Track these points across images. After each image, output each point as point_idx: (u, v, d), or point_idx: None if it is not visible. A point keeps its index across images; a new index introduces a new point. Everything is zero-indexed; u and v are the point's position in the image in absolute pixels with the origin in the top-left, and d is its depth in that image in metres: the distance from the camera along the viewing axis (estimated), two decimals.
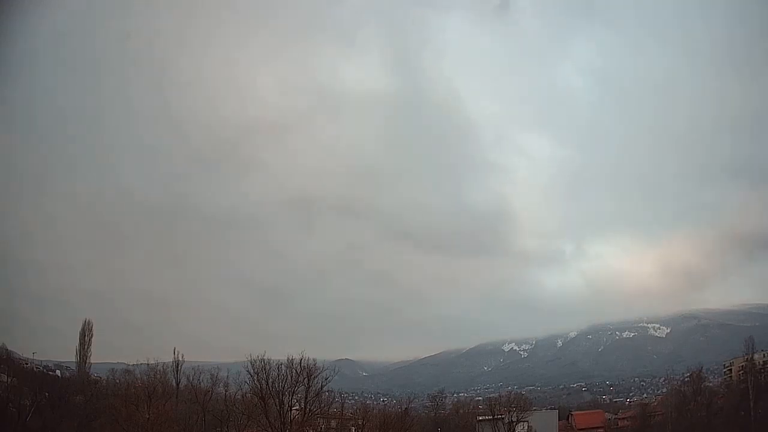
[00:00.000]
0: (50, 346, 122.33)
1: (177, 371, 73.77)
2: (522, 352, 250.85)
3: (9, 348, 76.45)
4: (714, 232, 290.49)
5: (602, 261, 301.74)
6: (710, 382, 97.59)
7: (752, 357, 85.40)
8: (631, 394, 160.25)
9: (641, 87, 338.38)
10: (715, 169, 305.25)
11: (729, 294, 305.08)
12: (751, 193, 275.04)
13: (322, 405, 61.19)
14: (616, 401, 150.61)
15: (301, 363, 55.31)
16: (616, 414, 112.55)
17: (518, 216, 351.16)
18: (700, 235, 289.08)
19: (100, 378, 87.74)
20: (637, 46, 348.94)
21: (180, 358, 75.34)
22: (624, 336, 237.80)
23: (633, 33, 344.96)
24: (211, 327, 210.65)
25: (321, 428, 66.37)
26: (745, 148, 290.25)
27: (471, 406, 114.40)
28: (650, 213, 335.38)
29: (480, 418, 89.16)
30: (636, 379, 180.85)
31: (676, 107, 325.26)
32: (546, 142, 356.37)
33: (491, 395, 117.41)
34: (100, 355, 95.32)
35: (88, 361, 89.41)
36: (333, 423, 68.96)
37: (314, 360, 57.46)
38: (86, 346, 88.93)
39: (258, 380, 53.92)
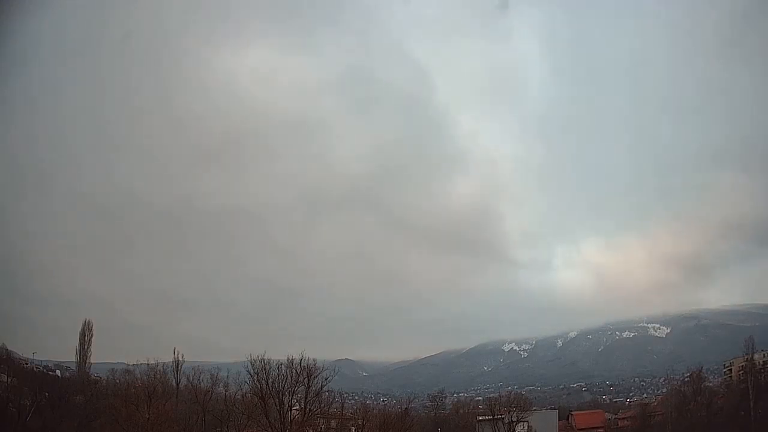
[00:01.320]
0: (50, 346, 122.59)
1: (177, 371, 73.78)
2: (522, 352, 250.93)
3: (9, 348, 76.66)
4: (708, 222, 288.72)
5: (599, 259, 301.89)
6: (710, 382, 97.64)
7: (752, 357, 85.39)
8: (631, 394, 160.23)
9: (613, 69, 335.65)
10: (701, 154, 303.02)
11: (727, 289, 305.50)
12: (743, 180, 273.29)
13: (322, 405, 61.19)
14: (616, 401, 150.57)
15: (301, 363, 55.42)
16: (616, 414, 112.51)
17: (515, 215, 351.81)
18: (695, 226, 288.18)
19: (100, 378, 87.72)
20: (611, 24, 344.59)
21: (180, 358, 75.43)
22: (624, 336, 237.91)
23: (611, 7, 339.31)
24: (211, 327, 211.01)
25: (321, 428, 66.36)
26: (730, 132, 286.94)
27: (471, 406, 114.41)
28: (641, 206, 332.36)
29: (480, 418, 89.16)
30: (636, 379, 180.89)
31: (651, 89, 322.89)
32: (533, 138, 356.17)
33: (491, 395, 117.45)
34: (100, 355, 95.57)
35: (88, 361, 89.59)
36: (333, 423, 68.97)
37: (314, 360, 57.59)
38: (86, 346, 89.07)
39: (258, 380, 53.94)
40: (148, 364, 65.68)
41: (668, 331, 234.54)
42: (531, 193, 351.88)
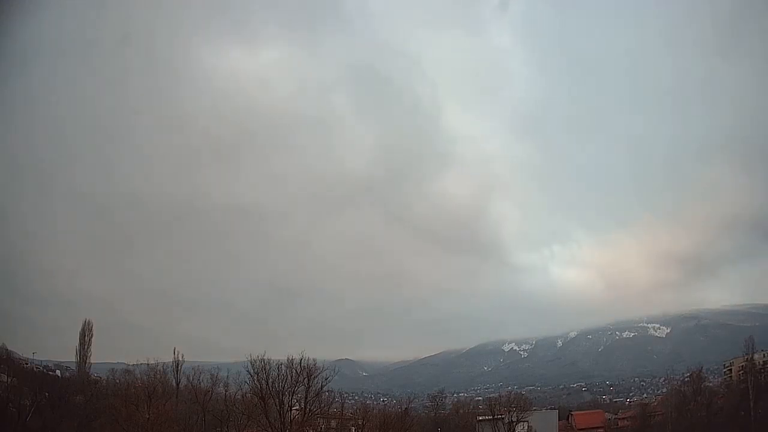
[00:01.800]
0: (50, 346, 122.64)
1: (177, 371, 73.65)
2: (522, 352, 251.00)
3: (9, 348, 76.62)
4: (708, 221, 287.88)
5: (599, 258, 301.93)
6: (710, 382, 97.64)
7: (752, 357, 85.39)
8: (631, 394, 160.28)
9: (612, 67, 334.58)
10: (701, 151, 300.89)
11: (727, 289, 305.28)
12: (742, 178, 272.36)
13: (322, 405, 61.20)
14: (616, 401, 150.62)
15: (301, 363, 55.44)
16: (616, 414, 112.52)
17: (515, 215, 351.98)
18: (695, 224, 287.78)
19: (100, 378, 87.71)
20: (611, 22, 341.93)
21: (180, 358, 75.25)
22: (624, 336, 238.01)
23: (610, 3, 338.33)
24: (211, 327, 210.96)
25: (321, 428, 66.37)
26: (730, 129, 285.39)
27: (471, 406, 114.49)
28: (641, 205, 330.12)
29: (480, 418, 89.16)
30: (636, 379, 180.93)
31: (650, 87, 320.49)
32: (533, 138, 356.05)
33: (491, 395, 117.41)
34: (100, 355, 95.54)
35: (88, 361, 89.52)
36: (333, 423, 68.98)
37: (314, 360, 57.61)
38: (86, 346, 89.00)
39: (258, 380, 53.96)
40: (148, 364, 65.72)
41: (668, 331, 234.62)
42: (531, 193, 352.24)
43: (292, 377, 54.94)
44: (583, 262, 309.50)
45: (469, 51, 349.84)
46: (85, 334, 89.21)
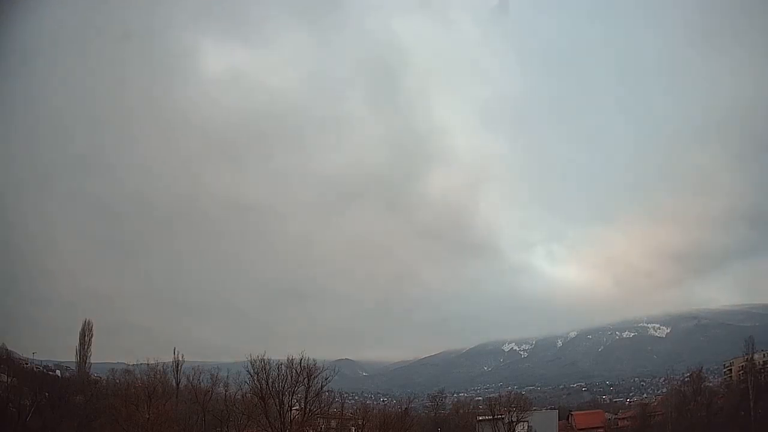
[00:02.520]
0: (50, 346, 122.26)
1: (177, 371, 73.61)
2: (522, 352, 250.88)
3: (9, 348, 76.59)
4: (708, 220, 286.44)
5: (599, 258, 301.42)
6: (710, 382, 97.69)
7: (752, 357, 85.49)
8: (631, 394, 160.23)
9: (603, 60, 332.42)
10: (700, 147, 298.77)
11: (728, 289, 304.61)
12: (742, 174, 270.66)
13: (322, 405, 61.39)
14: (616, 401, 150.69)
15: (301, 363, 55.59)
16: (616, 414, 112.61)
17: (514, 215, 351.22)
18: (695, 223, 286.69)
19: (100, 378, 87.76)
20: (602, 6, 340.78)
21: (180, 358, 75.17)
22: (624, 336, 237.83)
23: None
24: (211, 327, 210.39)
25: (321, 428, 66.46)
26: (728, 121, 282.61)
27: (471, 406, 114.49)
28: (641, 203, 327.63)
29: (480, 418, 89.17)
30: (636, 379, 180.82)
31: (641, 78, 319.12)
32: (530, 138, 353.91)
33: (491, 395, 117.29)
34: (100, 355, 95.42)
35: (88, 361, 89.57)
36: (333, 423, 69.05)
37: (314, 360, 57.69)
38: (86, 346, 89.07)
39: (258, 380, 54.17)
40: (148, 364, 65.73)
41: (668, 331, 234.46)
42: (530, 192, 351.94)
43: (292, 377, 55.18)
44: (583, 261, 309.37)
45: (464, 48, 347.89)
46: (85, 334, 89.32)
